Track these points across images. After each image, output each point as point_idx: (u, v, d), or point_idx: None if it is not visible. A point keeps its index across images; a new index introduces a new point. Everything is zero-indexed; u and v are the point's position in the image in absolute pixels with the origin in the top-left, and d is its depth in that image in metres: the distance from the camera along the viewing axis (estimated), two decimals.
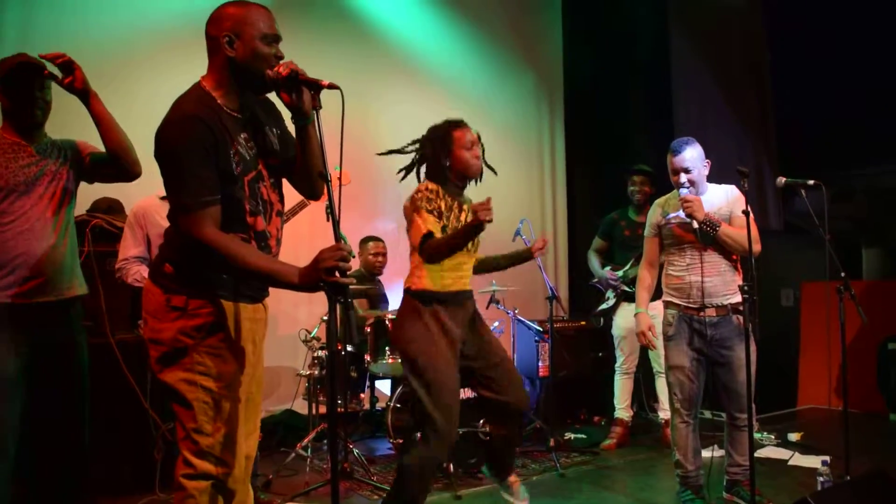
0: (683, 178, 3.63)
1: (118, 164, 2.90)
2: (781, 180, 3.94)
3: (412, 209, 3.19)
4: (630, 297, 5.22)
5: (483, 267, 3.61)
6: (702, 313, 3.65)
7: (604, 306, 5.50)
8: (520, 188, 6.94)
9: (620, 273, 5.28)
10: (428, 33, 6.79)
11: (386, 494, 3.40)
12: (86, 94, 2.79)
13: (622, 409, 5.32)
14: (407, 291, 3.29)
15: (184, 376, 2.17)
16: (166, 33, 5.21)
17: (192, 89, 2.20)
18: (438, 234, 3.10)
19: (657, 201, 3.93)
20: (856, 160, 7.09)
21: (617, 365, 5.39)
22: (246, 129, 2.24)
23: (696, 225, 3.55)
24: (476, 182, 3.41)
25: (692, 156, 3.64)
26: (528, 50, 7.51)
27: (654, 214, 3.87)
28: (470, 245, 3.19)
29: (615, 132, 7.49)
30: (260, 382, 2.43)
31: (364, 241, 5.55)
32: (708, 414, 5.69)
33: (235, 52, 2.15)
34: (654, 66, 7.12)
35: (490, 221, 2.93)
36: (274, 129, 2.37)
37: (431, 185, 3.24)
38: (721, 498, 3.82)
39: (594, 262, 5.51)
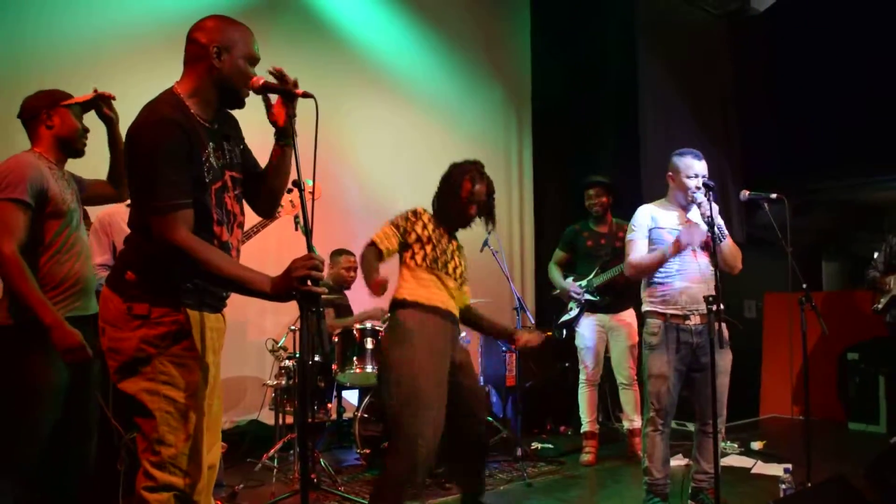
0: (700, 182, 3.66)
1: (118, 188, 3.18)
2: (745, 193, 4.01)
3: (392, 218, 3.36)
4: (594, 308, 5.25)
5: (466, 318, 3.52)
6: (688, 321, 3.67)
7: (566, 317, 5.43)
8: None
9: (584, 283, 5.27)
10: (398, 45, 6.80)
11: None
12: (112, 122, 3.07)
13: (590, 421, 5.26)
14: (394, 300, 3.30)
15: (146, 386, 2.12)
16: (136, 37, 5.15)
17: (165, 94, 2.20)
18: (382, 248, 3.23)
19: (646, 207, 3.89)
20: (816, 175, 7.25)
21: (582, 378, 5.33)
22: (214, 139, 2.24)
23: (705, 229, 3.58)
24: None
25: (706, 165, 3.74)
26: (496, 63, 7.57)
27: (644, 217, 3.82)
28: (457, 276, 3.29)
29: (582, 145, 7.56)
30: (220, 393, 2.40)
31: (337, 254, 5.48)
32: (672, 423, 5.74)
33: (222, 64, 2.19)
34: (621, 80, 7.21)
35: None
36: (237, 144, 2.40)
37: (420, 210, 3.37)
38: None
39: (556, 274, 5.45)
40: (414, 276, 3.24)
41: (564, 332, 5.48)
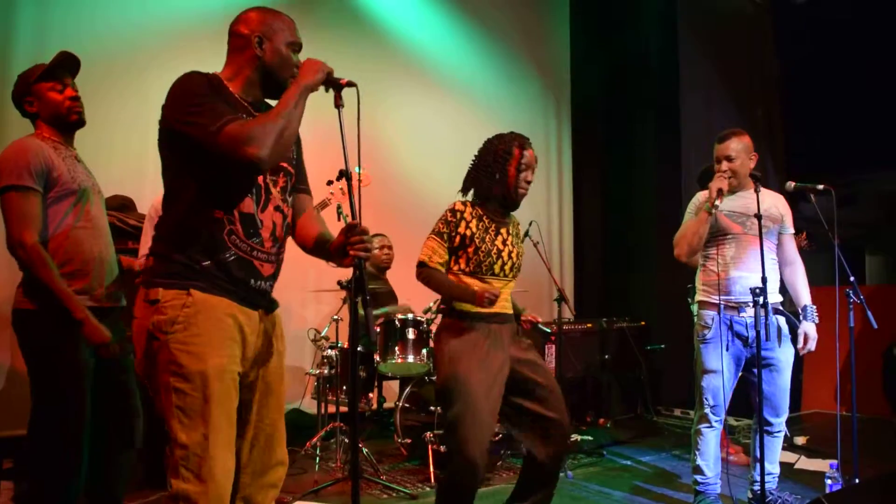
0: (725, 165, 3.56)
1: None
2: (791, 185, 3.87)
3: (433, 228, 3.12)
4: None
5: None
6: (742, 313, 3.55)
7: None
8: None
9: None
10: (438, 37, 6.82)
11: None
12: None
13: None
14: (445, 311, 3.16)
15: (157, 378, 2.00)
16: (177, 32, 5.20)
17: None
18: (434, 265, 3.04)
19: (702, 193, 3.73)
20: (859, 166, 7.12)
21: None
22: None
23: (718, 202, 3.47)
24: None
25: (736, 145, 3.58)
26: (536, 55, 7.55)
27: (698, 201, 3.70)
28: (508, 270, 3.10)
29: (622, 137, 7.53)
30: (278, 398, 2.26)
31: None
32: None
33: (263, 52, 2.18)
34: (662, 71, 7.15)
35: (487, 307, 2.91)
36: (294, 151, 2.35)
37: (459, 206, 3.09)
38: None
39: None
40: (458, 281, 3.06)
41: None
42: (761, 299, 3.28)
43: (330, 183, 4.27)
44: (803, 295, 3.70)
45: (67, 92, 2.86)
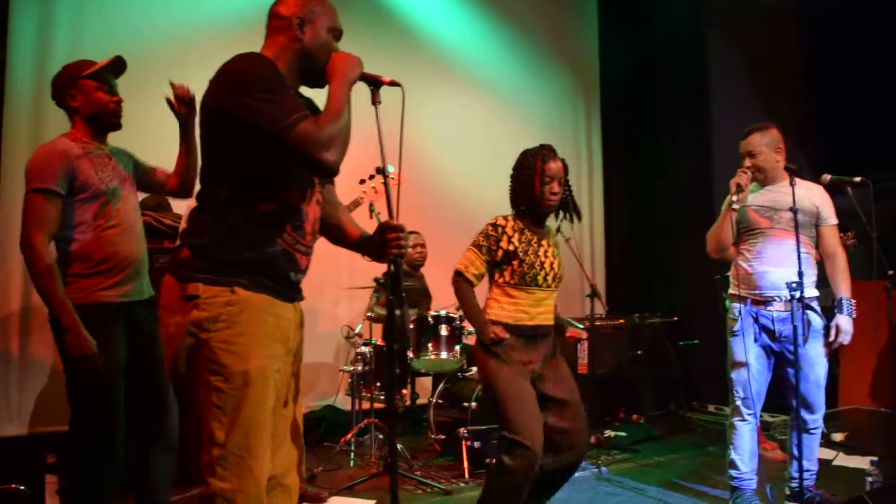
0: (748, 162, 3.56)
1: (182, 189, 3.20)
2: (826, 177, 3.81)
3: (473, 240, 3.22)
4: None
5: None
6: (769, 307, 3.54)
7: None
8: None
9: None
10: (466, 33, 6.82)
11: None
12: (183, 118, 3.06)
13: None
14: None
15: (196, 376, 1.92)
16: (208, 31, 5.24)
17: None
18: (469, 275, 3.15)
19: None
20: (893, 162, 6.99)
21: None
22: None
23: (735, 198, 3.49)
24: (558, 216, 3.35)
25: (759, 140, 3.57)
26: (564, 49, 7.51)
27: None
28: (550, 280, 3.17)
29: (651, 130, 7.47)
30: (296, 384, 2.20)
31: None
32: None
33: (304, 35, 2.08)
34: (691, 64, 7.07)
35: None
36: None
37: (501, 220, 3.18)
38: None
39: None
40: (503, 293, 3.16)
41: None
42: (798, 293, 3.26)
43: (363, 182, 4.31)
44: (841, 287, 3.61)
45: (115, 96, 2.92)
